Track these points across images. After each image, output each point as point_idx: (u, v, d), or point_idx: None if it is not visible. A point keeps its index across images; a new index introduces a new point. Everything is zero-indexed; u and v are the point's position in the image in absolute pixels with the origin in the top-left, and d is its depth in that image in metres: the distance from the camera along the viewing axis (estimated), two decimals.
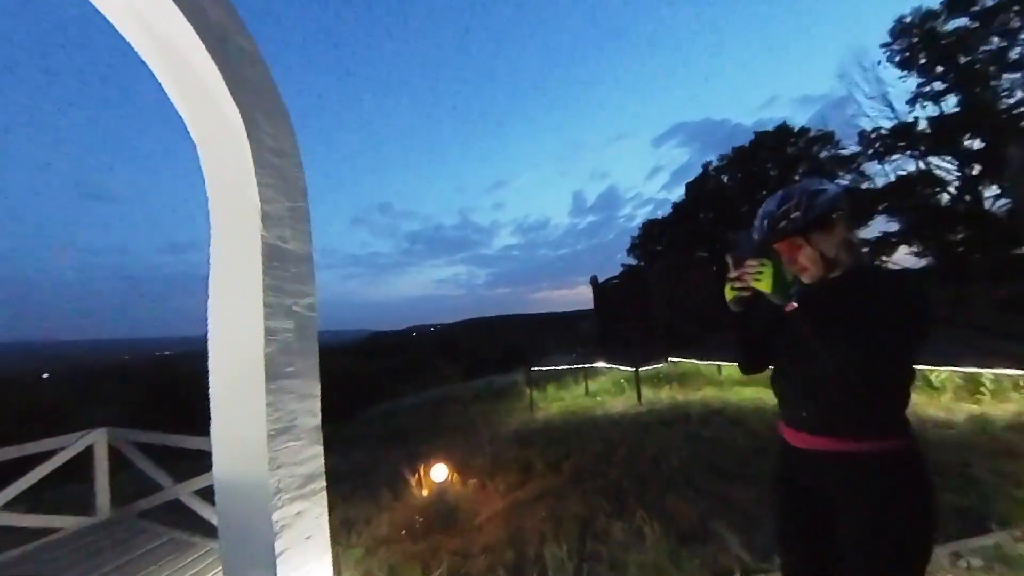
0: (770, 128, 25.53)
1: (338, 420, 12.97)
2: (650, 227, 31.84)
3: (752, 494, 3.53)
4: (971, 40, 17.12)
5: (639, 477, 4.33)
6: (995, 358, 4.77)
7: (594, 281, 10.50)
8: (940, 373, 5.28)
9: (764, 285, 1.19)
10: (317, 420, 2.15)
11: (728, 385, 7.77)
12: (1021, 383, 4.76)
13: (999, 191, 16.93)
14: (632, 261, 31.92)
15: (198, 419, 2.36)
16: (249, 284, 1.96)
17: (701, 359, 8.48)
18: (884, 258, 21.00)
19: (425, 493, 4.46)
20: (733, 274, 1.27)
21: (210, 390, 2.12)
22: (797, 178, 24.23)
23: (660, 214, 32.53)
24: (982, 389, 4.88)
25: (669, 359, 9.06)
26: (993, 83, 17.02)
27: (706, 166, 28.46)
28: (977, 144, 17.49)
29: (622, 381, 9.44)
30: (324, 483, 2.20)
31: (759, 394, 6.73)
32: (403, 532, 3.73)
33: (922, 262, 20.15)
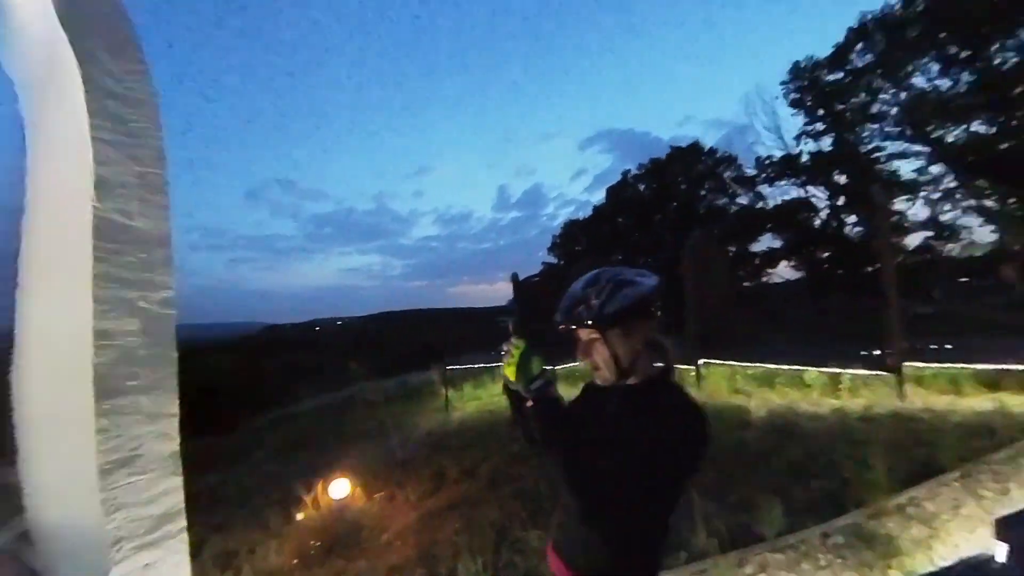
0: (683, 145, 27.85)
1: (219, 432, 11.18)
2: (571, 228, 33.08)
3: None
4: (844, 92, 20.23)
5: (550, 481, 4.32)
6: (851, 360, 5.62)
7: (515, 278, 10.48)
8: (810, 372, 5.97)
9: (508, 369, 1.06)
10: (174, 445, 1.72)
11: None
12: (868, 382, 5.53)
13: (857, 220, 20.17)
14: (553, 260, 32.88)
15: None
16: (75, 272, 1.49)
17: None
18: (769, 270, 24.09)
19: (324, 512, 4.01)
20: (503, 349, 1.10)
21: (17, 409, 1.60)
22: (703, 193, 26.73)
23: (582, 216, 33.86)
24: (840, 386, 5.63)
25: None
26: (857, 129, 20.28)
27: (625, 174, 30.22)
28: (844, 179, 20.66)
29: None
30: (183, 523, 1.77)
31: None
32: (296, 560, 3.29)
33: (799, 275, 23.43)
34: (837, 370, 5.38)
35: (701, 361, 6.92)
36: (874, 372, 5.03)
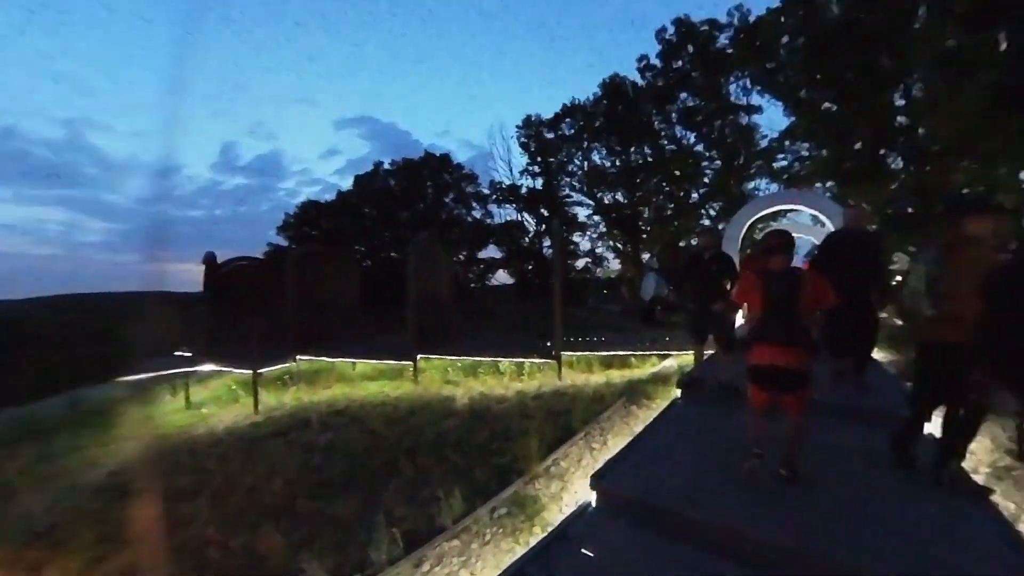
0: (437, 153, 29.58)
1: None
2: (310, 208, 29.68)
3: (355, 505, 3.37)
4: (554, 149, 26.33)
5: (230, 514, 3.41)
6: (532, 350, 6.96)
7: (209, 260, 8.08)
8: (504, 362, 7.00)
9: None
10: None
11: (358, 381, 7.79)
12: (542, 367, 6.91)
13: (550, 243, 26.19)
14: (283, 242, 28.58)
15: None
16: None
17: (336, 357, 8.17)
18: (490, 275, 28.41)
19: None
20: None
21: None
22: (447, 201, 29.08)
23: (328, 198, 30.76)
24: (523, 372, 6.86)
25: (299, 358, 8.25)
26: (558, 178, 26.66)
27: (378, 165, 29.50)
28: (545, 212, 26.54)
29: (234, 387, 7.85)
30: None
31: (383, 388, 7.05)
32: None
33: (512, 280, 28.52)
34: (522, 359, 6.60)
35: (419, 356, 7.17)
36: (545, 360, 6.44)
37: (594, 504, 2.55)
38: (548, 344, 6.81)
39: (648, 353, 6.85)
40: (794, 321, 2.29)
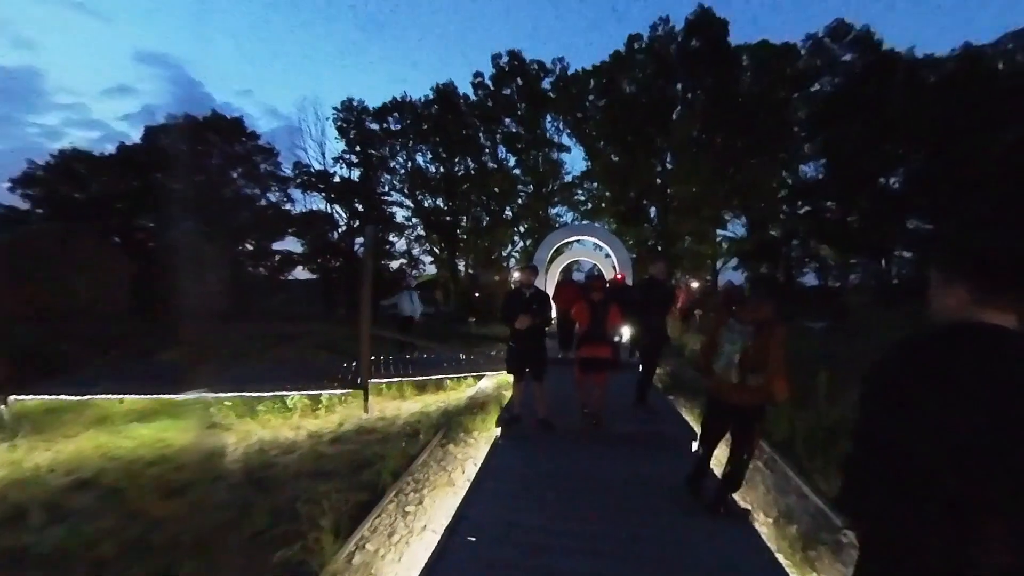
0: (228, 116, 23.73)
1: None
2: (75, 160, 19.80)
3: None
4: (377, 143, 24.52)
5: None
6: (334, 380, 5.86)
7: None
8: (294, 396, 5.66)
9: None
10: None
11: (124, 422, 5.23)
12: (344, 399, 5.85)
13: (362, 242, 24.28)
14: (20, 203, 18.53)
15: None
16: None
17: (89, 390, 5.32)
18: (284, 272, 24.36)
19: None
20: None
21: None
22: (235, 176, 23.58)
23: (109, 150, 20.68)
24: (320, 405, 5.71)
25: (14, 398, 5.10)
26: (378, 174, 24.92)
27: (170, 119, 21.88)
28: (360, 207, 24.42)
29: None
30: None
31: (164, 432, 4.87)
32: None
33: (314, 277, 24.97)
34: (317, 392, 5.49)
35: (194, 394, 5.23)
36: (349, 390, 5.48)
37: None
38: (355, 365, 5.89)
39: (463, 375, 6.70)
40: (605, 331, 3.85)
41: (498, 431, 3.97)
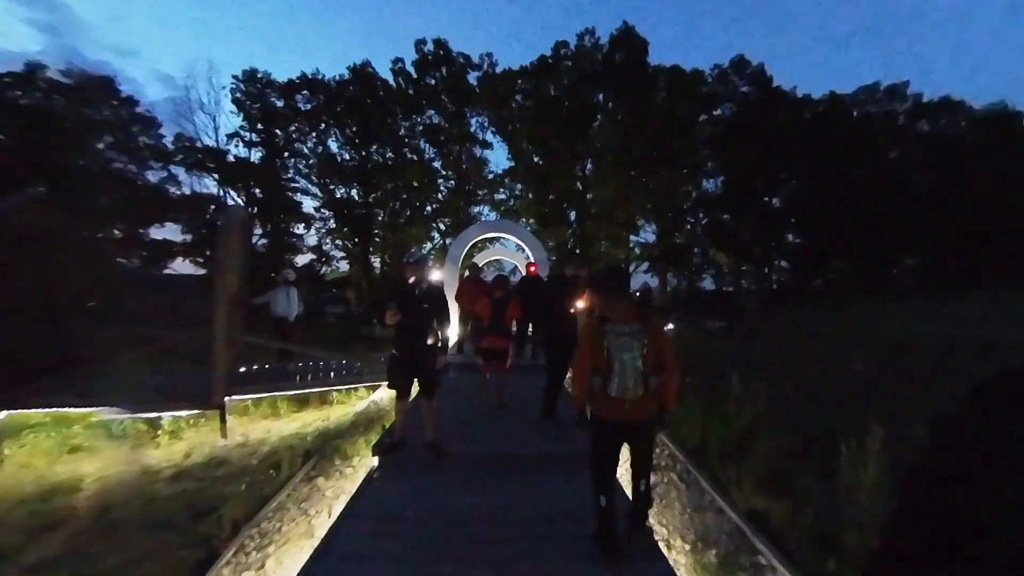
0: (107, 74, 19.46)
1: None
2: None
3: None
4: (283, 122, 21.89)
5: None
6: (183, 399, 4.79)
7: None
8: (123, 422, 4.60)
9: None
10: None
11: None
12: (194, 422, 4.85)
13: (262, 232, 21.58)
14: None
15: None
16: None
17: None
18: (164, 265, 20.78)
19: None
20: None
21: None
22: (101, 146, 19.49)
23: None
24: (160, 432, 4.63)
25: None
26: (283, 157, 22.35)
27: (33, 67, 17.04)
28: (259, 192, 21.70)
29: None
30: None
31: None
32: None
33: (201, 272, 21.53)
34: (157, 414, 4.34)
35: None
36: (200, 412, 4.40)
37: None
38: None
39: (355, 386, 5.90)
40: (504, 324, 4.33)
41: (375, 461, 3.31)
